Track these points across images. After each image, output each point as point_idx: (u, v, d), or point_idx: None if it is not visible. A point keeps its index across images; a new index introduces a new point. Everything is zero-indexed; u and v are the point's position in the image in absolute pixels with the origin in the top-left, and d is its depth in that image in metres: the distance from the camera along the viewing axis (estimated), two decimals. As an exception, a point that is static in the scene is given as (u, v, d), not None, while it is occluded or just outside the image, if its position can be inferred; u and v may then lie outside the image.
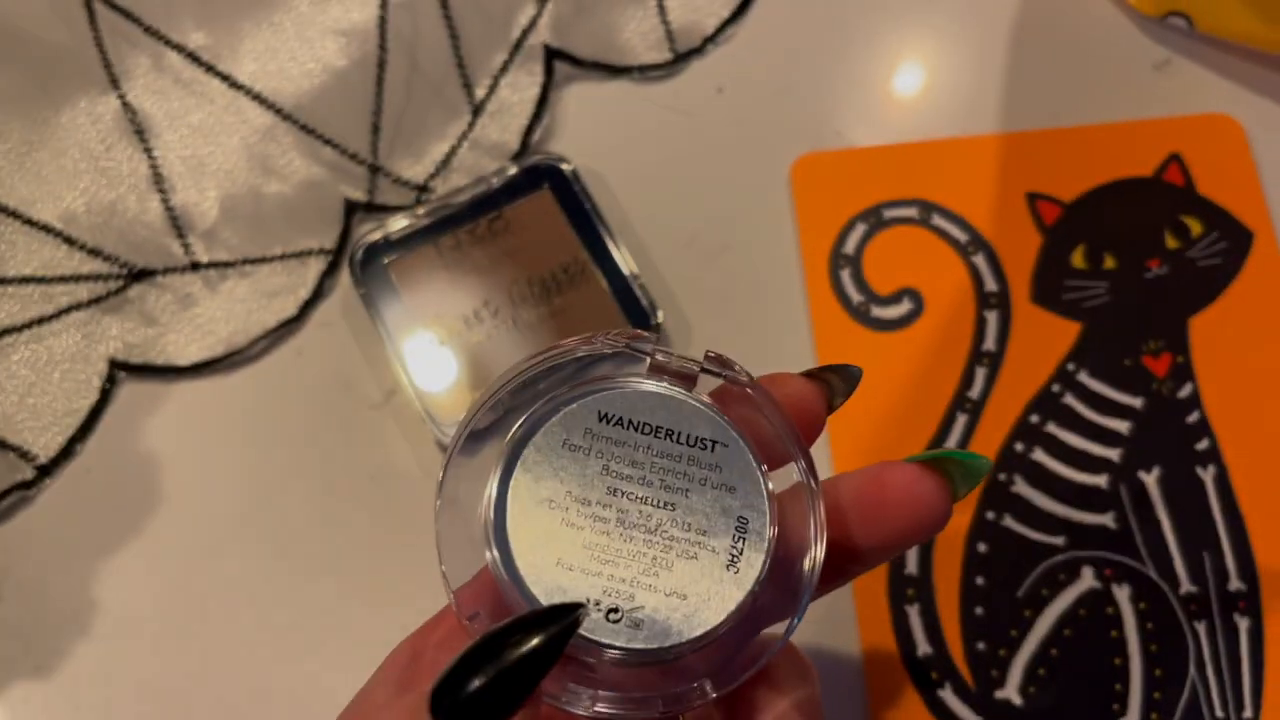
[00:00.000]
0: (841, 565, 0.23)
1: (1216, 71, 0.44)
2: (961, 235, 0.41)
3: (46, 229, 0.42)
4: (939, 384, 0.39)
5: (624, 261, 0.40)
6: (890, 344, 0.40)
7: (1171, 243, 0.41)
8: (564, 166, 0.42)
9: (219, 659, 0.38)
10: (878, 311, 0.40)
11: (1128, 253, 0.41)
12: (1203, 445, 0.38)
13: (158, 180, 0.42)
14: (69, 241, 0.42)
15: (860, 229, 0.41)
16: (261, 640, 0.38)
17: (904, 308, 0.40)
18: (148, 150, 0.43)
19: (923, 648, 0.37)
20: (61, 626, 0.39)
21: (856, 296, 0.40)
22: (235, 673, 0.38)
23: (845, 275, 0.41)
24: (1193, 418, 0.39)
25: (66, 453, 0.40)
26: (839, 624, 0.37)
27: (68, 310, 0.41)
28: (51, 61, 0.44)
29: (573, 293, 0.40)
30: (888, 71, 0.44)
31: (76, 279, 0.41)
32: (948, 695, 0.36)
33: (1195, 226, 0.41)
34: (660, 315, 0.40)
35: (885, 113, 0.44)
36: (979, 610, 0.37)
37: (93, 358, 0.41)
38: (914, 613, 0.37)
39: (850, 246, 0.41)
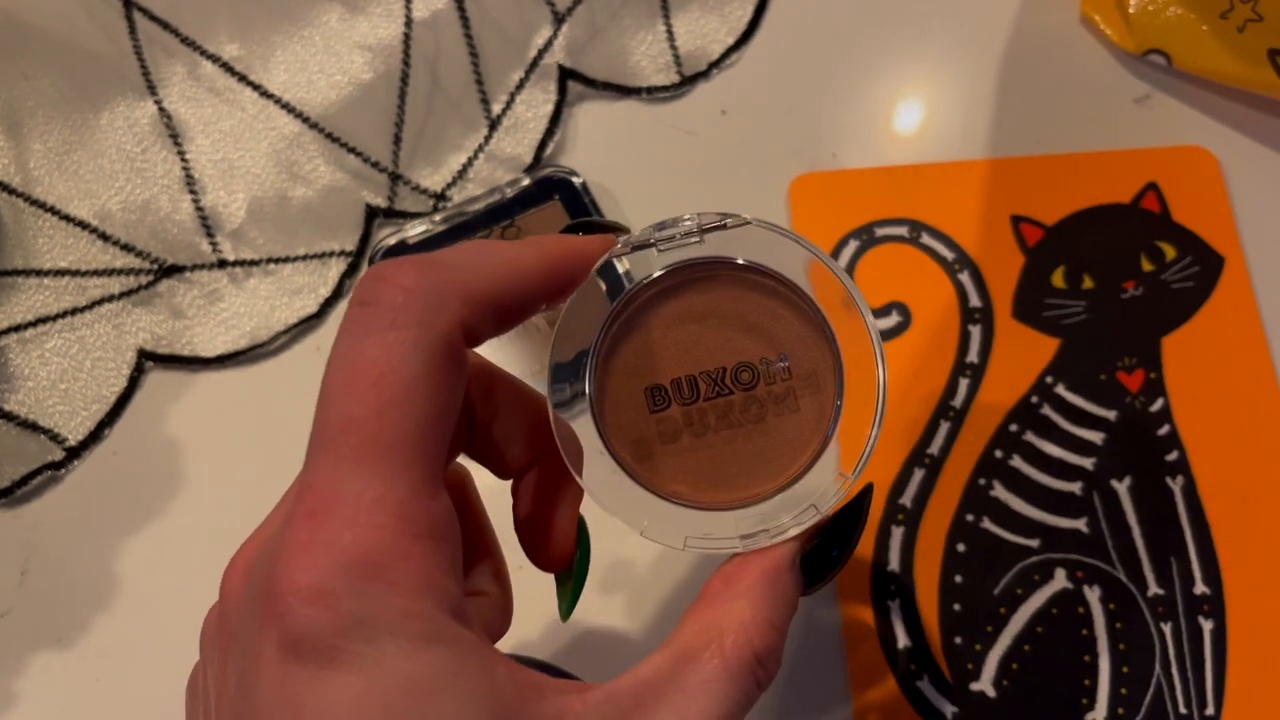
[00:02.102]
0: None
1: (1193, 106, 0.46)
2: (948, 253, 0.44)
3: (82, 225, 0.44)
4: (924, 393, 0.42)
5: (629, 270, 0.43)
6: (879, 354, 0.42)
7: (1147, 266, 0.43)
8: (574, 180, 0.44)
9: (233, 636, 0.40)
10: (868, 323, 0.43)
11: (1105, 274, 0.43)
12: (1172, 456, 0.41)
13: (189, 182, 0.45)
14: (103, 237, 0.44)
15: (853, 245, 0.44)
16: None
17: (893, 320, 0.43)
18: (181, 153, 0.45)
19: (903, 640, 0.39)
20: (84, 601, 0.40)
21: (848, 308, 0.43)
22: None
23: (838, 288, 0.43)
24: (1163, 430, 0.41)
25: (95, 436, 0.42)
26: (823, 616, 0.39)
27: (100, 302, 0.43)
28: (93, 68, 0.46)
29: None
30: (882, 98, 0.47)
31: (109, 273, 0.44)
32: (925, 686, 0.38)
33: (1170, 251, 0.43)
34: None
35: (879, 137, 0.46)
36: (957, 606, 0.39)
37: (122, 347, 0.43)
38: (895, 607, 0.39)
39: (843, 261, 0.44)
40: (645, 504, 0.25)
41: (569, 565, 0.27)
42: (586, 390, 0.25)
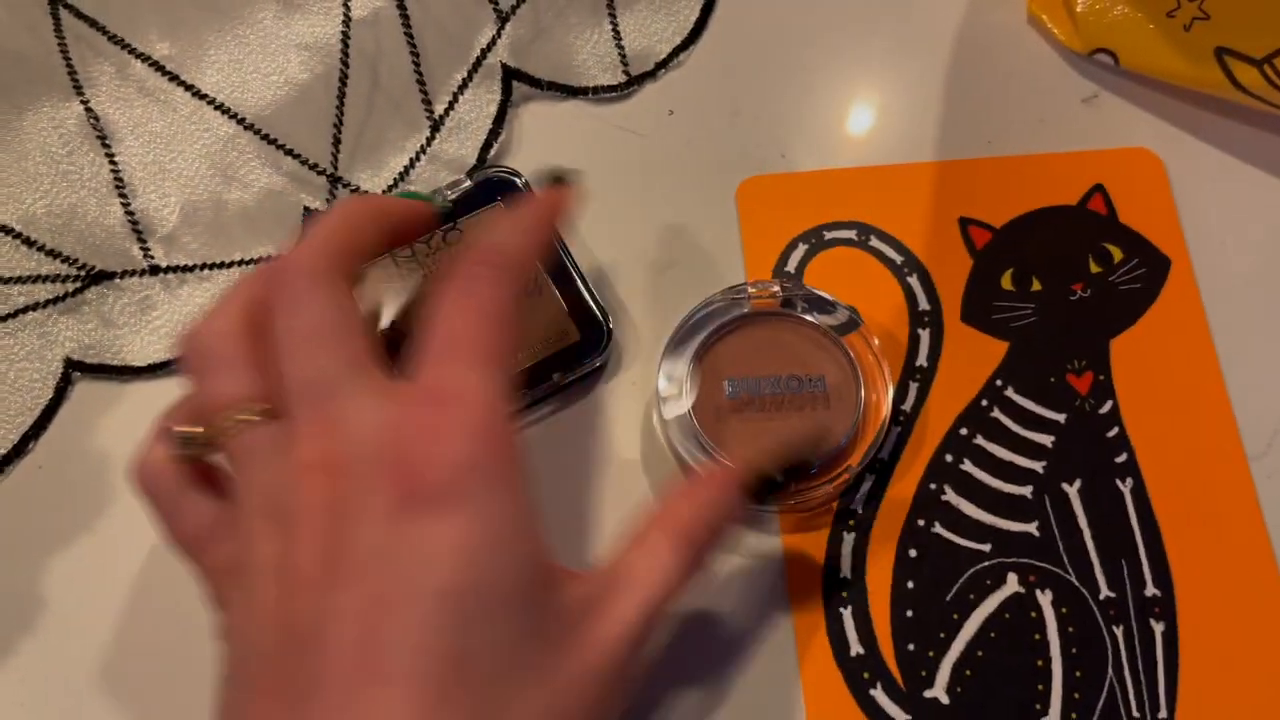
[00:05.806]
0: None
1: (1141, 106, 0.46)
2: (897, 257, 0.43)
3: (5, 230, 0.42)
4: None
5: (577, 273, 0.42)
6: (829, 358, 0.41)
7: (1094, 268, 0.43)
8: (516, 180, 0.43)
9: (166, 660, 0.39)
10: (818, 327, 0.42)
11: (1053, 276, 0.43)
12: (1121, 459, 0.40)
13: (119, 185, 0.43)
14: (28, 243, 0.42)
15: (802, 249, 0.43)
16: (211, 643, 0.39)
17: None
18: (110, 155, 0.43)
19: (855, 648, 0.38)
20: (8, 622, 0.39)
21: (798, 312, 0.42)
22: (183, 673, 0.38)
23: (787, 292, 0.43)
24: (1112, 433, 0.41)
25: (19, 450, 0.40)
26: (775, 625, 0.39)
27: (25, 310, 0.42)
28: (15, 67, 0.44)
29: (527, 302, 0.42)
30: (831, 100, 0.46)
31: (34, 279, 0.42)
32: (879, 694, 0.38)
33: (1117, 253, 0.43)
34: (611, 325, 0.41)
35: (828, 139, 0.46)
36: (909, 613, 0.39)
37: (48, 357, 0.41)
38: (847, 615, 0.38)
39: (792, 265, 0.43)
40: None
41: None
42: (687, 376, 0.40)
